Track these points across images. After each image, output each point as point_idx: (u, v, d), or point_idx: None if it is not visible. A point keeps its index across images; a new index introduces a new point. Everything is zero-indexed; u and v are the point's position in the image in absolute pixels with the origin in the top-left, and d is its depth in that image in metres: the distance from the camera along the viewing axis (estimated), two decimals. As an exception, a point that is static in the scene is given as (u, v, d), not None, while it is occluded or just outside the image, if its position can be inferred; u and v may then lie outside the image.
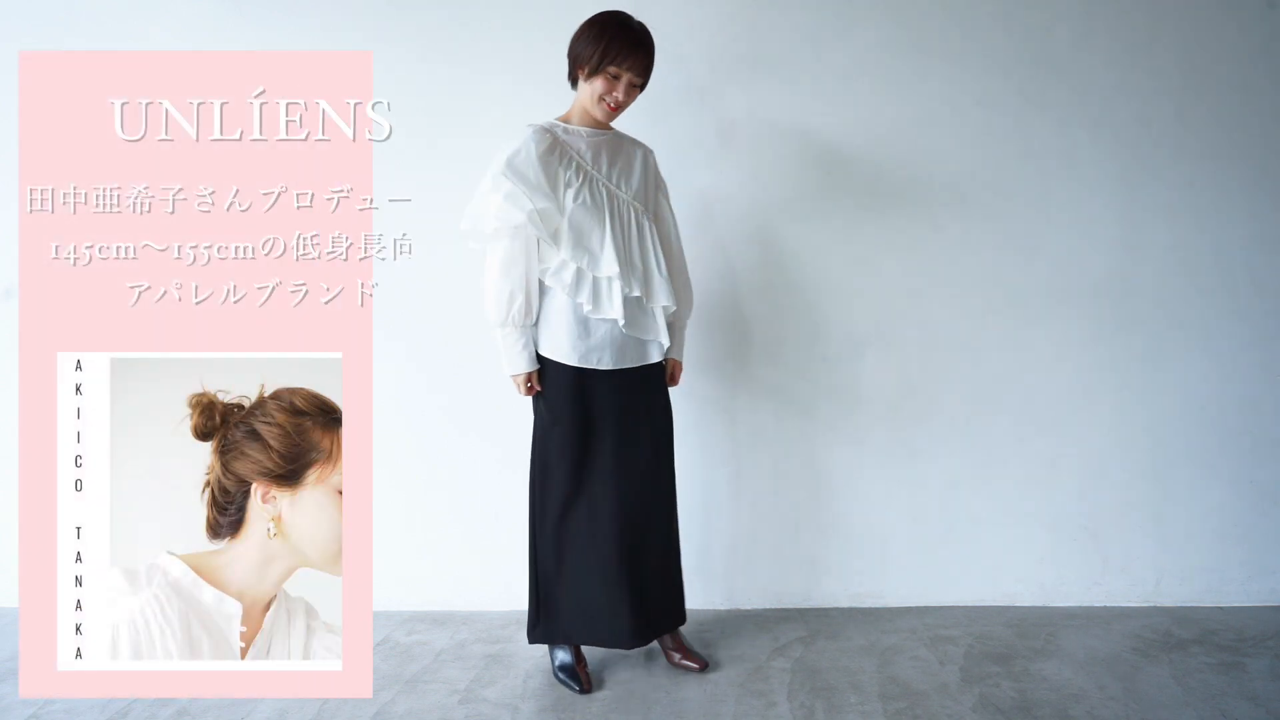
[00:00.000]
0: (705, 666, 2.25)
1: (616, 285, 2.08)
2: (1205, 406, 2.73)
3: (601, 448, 2.15)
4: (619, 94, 2.07)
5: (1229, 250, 2.71)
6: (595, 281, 2.08)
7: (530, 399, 2.20)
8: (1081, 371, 2.72)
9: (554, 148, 2.07)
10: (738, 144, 2.64)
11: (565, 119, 2.16)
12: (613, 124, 2.20)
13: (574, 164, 2.09)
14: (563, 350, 2.11)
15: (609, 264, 2.06)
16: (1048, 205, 2.69)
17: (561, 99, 2.25)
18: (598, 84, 2.07)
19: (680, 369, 2.32)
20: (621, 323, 2.09)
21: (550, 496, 2.17)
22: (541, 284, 2.11)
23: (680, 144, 2.61)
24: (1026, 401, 2.72)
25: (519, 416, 2.59)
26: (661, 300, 2.15)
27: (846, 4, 2.64)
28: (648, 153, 2.25)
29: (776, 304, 2.68)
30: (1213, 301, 2.71)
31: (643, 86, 2.12)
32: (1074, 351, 2.71)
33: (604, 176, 2.12)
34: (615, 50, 2.04)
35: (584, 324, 2.10)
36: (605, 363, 2.12)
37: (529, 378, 2.14)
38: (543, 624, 2.21)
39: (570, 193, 2.07)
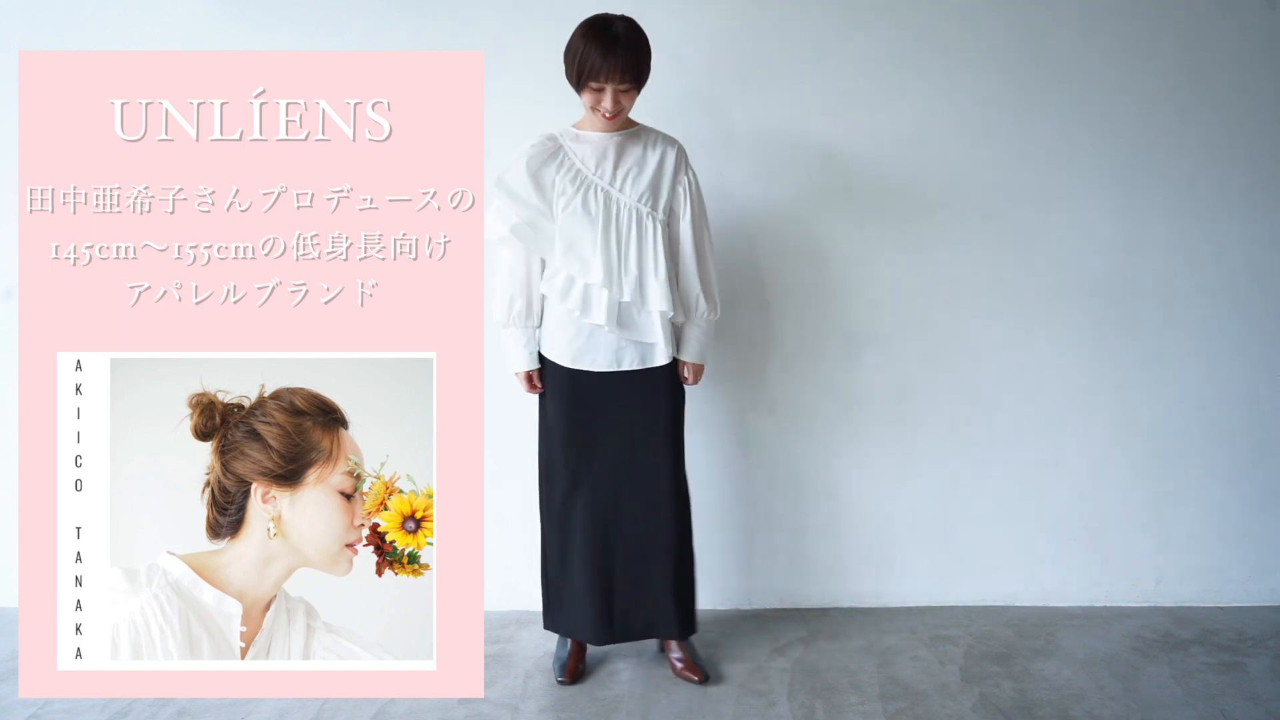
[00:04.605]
0: (705, 680, 2.19)
1: (604, 291, 2.08)
2: (1205, 406, 2.73)
3: (600, 449, 2.18)
4: (607, 104, 2.05)
5: (1229, 250, 2.71)
6: (586, 287, 2.10)
7: (535, 398, 2.27)
8: (1081, 371, 2.72)
9: (553, 158, 2.12)
10: (736, 146, 2.64)
11: (580, 125, 2.17)
12: (639, 121, 2.19)
13: (573, 171, 2.11)
14: (558, 351, 2.17)
15: (595, 270, 2.07)
16: (1048, 205, 2.69)
17: (558, 95, 2.25)
18: (586, 97, 2.08)
19: (697, 369, 2.24)
20: (607, 328, 2.09)
21: (553, 491, 2.23)
22: None
23: (680, 144, 2.61)
24: (1026, 401, 2.72)
25: (516, 419, 2.58)
26: (658, 306, 2.10)
27: (846, 5, 2.64)
28: (668, 149, 2.17)
29: (777, 304, 2.68)
30: (1213, 301, 2.71)
31: (637, 89, 2.07)
32: (1074, 351, 2.71)
33: (605, 181, 2.12)
34: (590, 65, 2.00)
35: (580, 327, 2.14)
36: (598, 365, 2.15)
37: (530, 376, 2.22)
38: (550, 613, 2.28)
39: (563, 201, 2.10)
